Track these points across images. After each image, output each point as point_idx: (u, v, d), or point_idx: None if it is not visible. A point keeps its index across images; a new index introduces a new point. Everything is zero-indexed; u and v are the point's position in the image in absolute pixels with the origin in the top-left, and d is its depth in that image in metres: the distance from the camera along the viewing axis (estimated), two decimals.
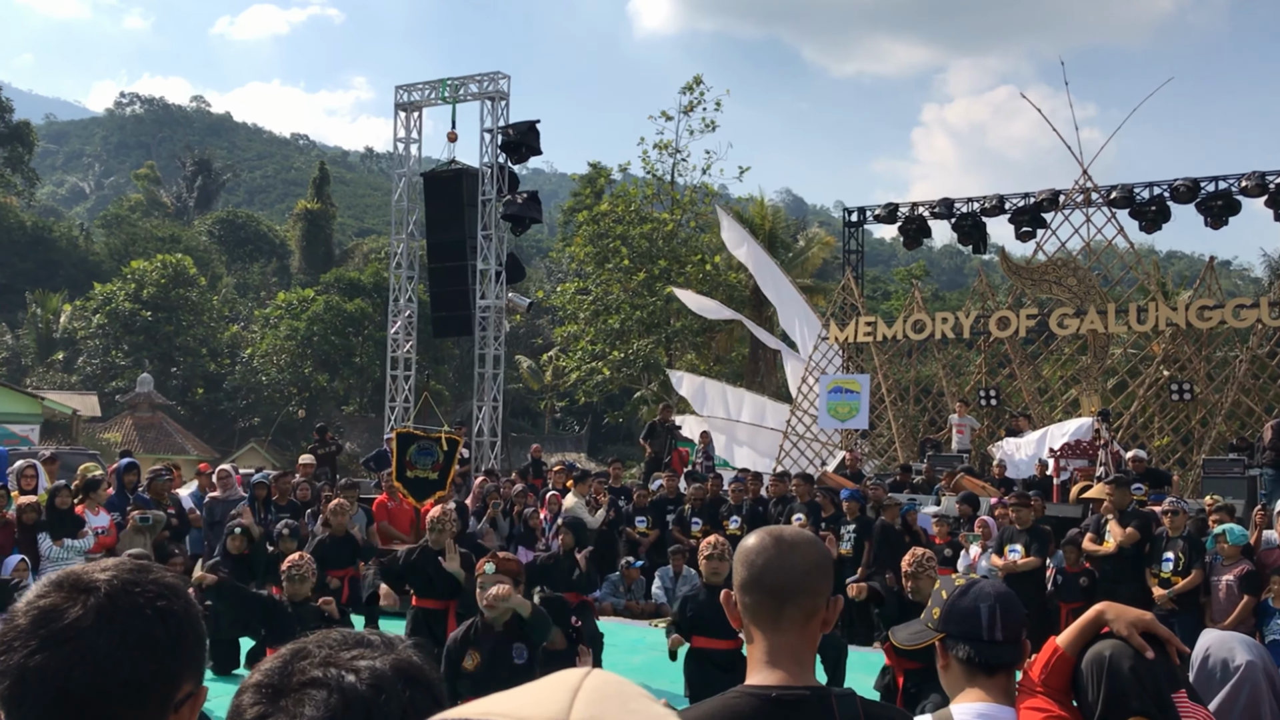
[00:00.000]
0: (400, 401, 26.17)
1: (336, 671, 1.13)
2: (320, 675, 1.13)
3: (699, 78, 37.91)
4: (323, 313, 47.37)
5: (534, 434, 46.86)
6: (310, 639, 1.19)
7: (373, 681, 1.13)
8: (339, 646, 1.17)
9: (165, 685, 1.34)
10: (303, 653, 1.17)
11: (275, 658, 1.18)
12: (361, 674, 1.13)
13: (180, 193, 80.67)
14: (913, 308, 22.80)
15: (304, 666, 1.14)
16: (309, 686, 1.12)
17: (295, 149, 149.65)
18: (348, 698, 1.11)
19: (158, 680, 1.33)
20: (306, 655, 1.16)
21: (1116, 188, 22.48)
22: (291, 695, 1.12)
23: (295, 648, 1.18)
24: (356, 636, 1.19)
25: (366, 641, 1.19)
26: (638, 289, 34.54)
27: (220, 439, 46.88)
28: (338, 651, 1.16)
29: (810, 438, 22.54)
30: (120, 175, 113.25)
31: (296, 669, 1.15)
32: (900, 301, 41.56)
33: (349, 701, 1.11)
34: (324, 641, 1.18)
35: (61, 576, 1.38)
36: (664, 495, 15.57)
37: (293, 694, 1.12)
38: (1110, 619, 2.58)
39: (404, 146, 26.80)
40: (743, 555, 2.33)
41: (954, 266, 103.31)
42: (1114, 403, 21.20)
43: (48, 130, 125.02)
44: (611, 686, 0.97)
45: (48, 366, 48.41)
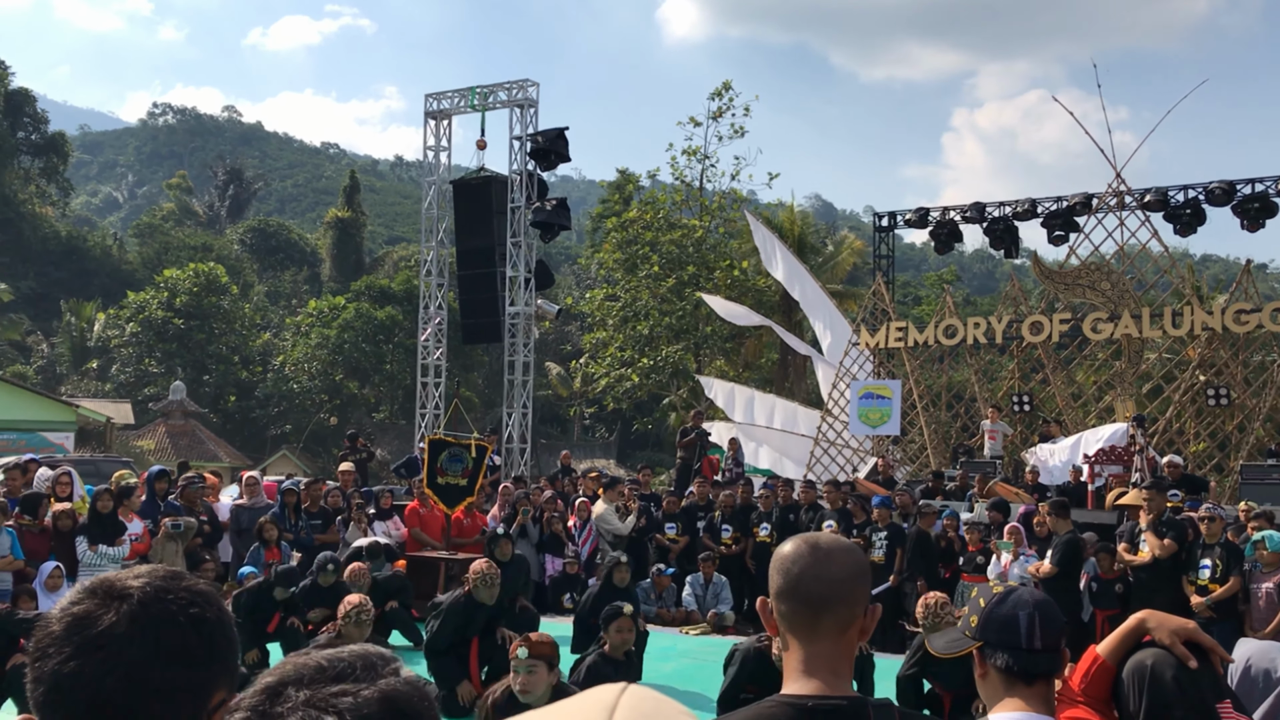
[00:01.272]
0: (430, 408, 26.27)
1: (316, 715, 1.07)
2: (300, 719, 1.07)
3: (728, 83, 37.93)
4: (353, 320, 47.65)
5: (563, 440, 46.92)
6: (288, 671, 1.12)
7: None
8: (319, 680, 1.10)
9: (198, 693, 1.34)
10: (283, 694, 1.10)
11: (253, 695, 1.12)
12: (344, 715, 1.07)
13: (212, 202, 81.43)
14: (944, 313, 22.66)
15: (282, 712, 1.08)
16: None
17: (326, 158, 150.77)
18: None
19: (190, 688, 1.33)
20: (285, 698, 1.09)
21: (1150, 191, 22.26)
22: None
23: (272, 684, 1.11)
24: (338, 667, 1.12)
25: (348, 671, 1.12)
26: (667, 295, 34.53)
27: (252, 446, 47.21)
28: (318, 689, 1.09)
29: (841, 444, 22.44)
30: (153, 185, 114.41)
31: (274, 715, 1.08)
32: (931, 306, 41.39)
33: None
34: (302, 675, 1.11)
35: (95, 583, 1.37)
36: (694, 502, 15.54)
37: None
38: (1151, 627, 2.54)
39: (434, 154, 26.93)
40: (779, 563, 2.30)
41: (985, 271, 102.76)
42: (1149, 408, 20.96)
43: (82, 141, 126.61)
44: (648, 703, 0.95)
45: (82, 375, 48.92)
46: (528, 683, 5.62)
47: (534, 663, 5.65)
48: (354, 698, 1.08)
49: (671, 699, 0.97)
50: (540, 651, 5.73)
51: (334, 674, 1.12)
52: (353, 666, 1.13)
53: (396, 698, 1.10)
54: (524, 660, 5.66)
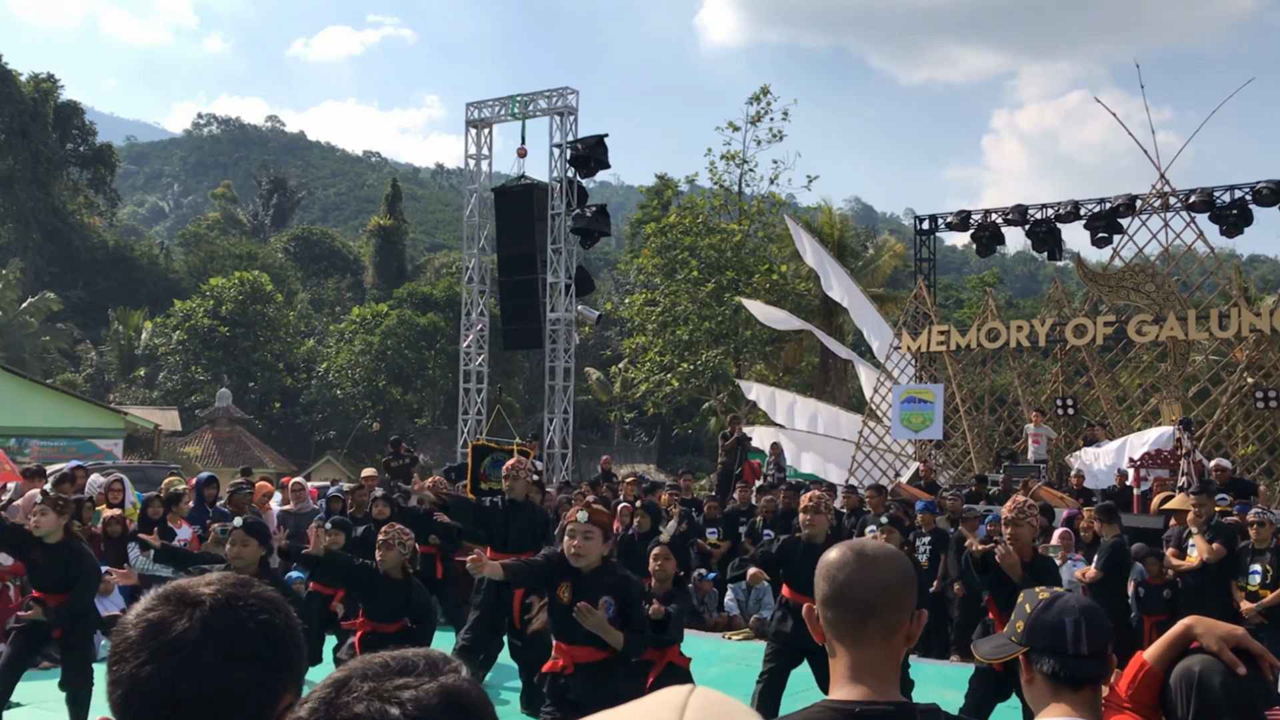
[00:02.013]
0: (473, 414, 26.42)
1: (380, 705, 1.11)
2: (363, 710, 1.11)
3: (766, 88, 37.84)
4: (396, 327, 48.00)
5: (603, 445, 46.99)
6: (355, 667, 1.18)
7: (417, 713, 1.11)
8: (383, 675, 1.16)
9: (267, 696, 1.39)
10: (348, 686, 1.15)
11: (322, 688, 1.17)
12: (406, 705, 1.11)
13: (256, 211, 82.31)
14: (986, 316, 22.51)
15: (348, 701, 1.13)
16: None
17: (368, 166, 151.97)
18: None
19: (260, 691, 1.38)
20: (351, 689, 1.14)
21: (1195, 191, 21.99)
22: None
23: (340, 678, 1.17)
24: (401, 662, 1.18)
25: (411, 666, 1.17)
26: (706, 299, 34.49)
27: (297, 452, 47.65)
28: (382, 682, 1.14)
29: (883, 449, 22.34)
30: (198, 194, 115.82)
31: (340, 704, 1.13)
32: (973, 310, 41.05)
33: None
34: (368, 671, 1.17)
35: (169, 590, 1.43)
36: (736, 507, 15.53)
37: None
38: (1199, 634, 2.54)
39: (475, 162, 27.12)
40: (824, 570, 2.32)
41: (1028, 274, 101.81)
42: (1196, 411, 20.69)
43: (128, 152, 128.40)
44: (716, 704, 0.97)
45: (130, 382, 49.60)
46: (582, 547, 5.66)
47: (590, 528, 5.69)
48: (415, 690, 1.13)
49: (739, 701, 1.00)
50: (599, 518, 5.80)
51: (397, 669, 1.16)
52: (415, 663, 1.18)
53: (457, 692, 1.15)
54: (581, 525, 5.71)
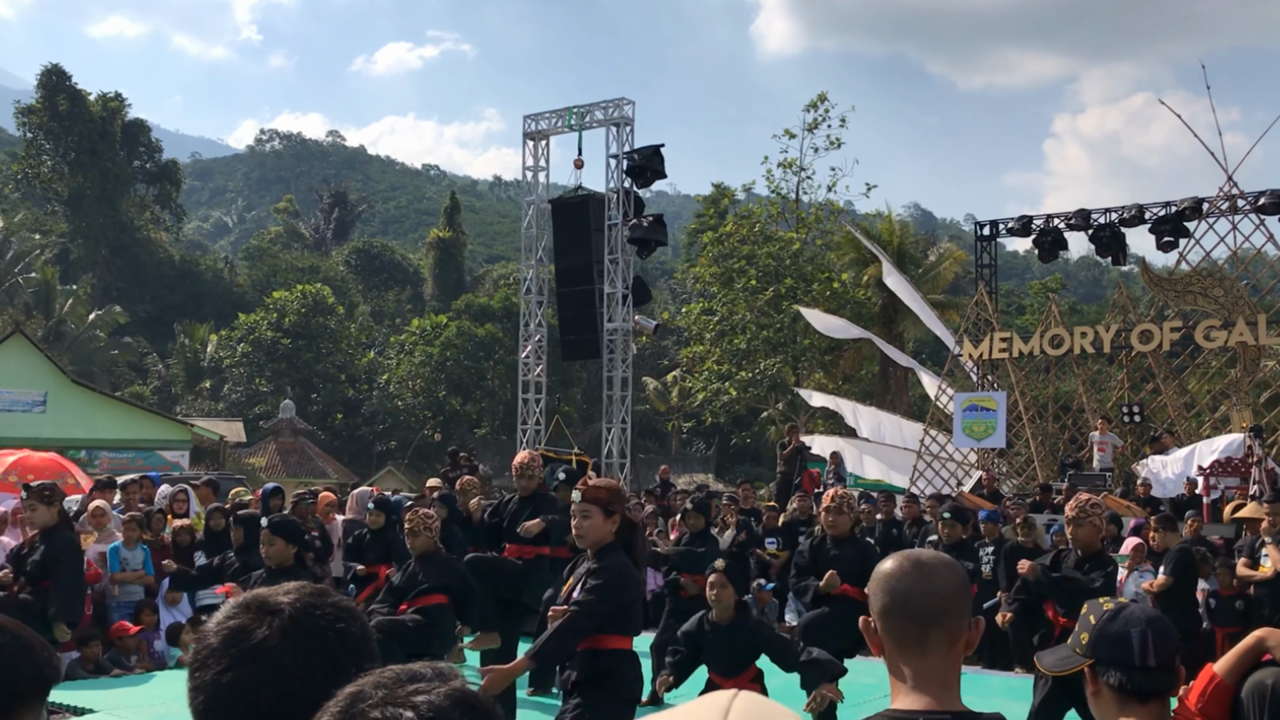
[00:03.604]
0: (531, 424, 26.56)
1: (394, 710, 1.16)
2: (379, 715, 1.16)
3: (823, 95, 37.77)
4: (455, 338, 48.40)
5: (661, 455, 46.97)
6: (367, 679, 1.23)
7: (430, 715, 1.15)
8: (395, 684, 1.20)
9: None
10: (362, 695, 1.20)
11: (337, 701, 1.22)
12: (419, 708, 1.15)
13: (318, 224, 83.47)
14: (1050, 322, 22.21)
15: (364, 709, 1.18)
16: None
17: (427, 179, 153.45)
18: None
19: None
20: (365, 697, 1.19)
21: (1265, 193, 21.54)
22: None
23: (355, 690, 1.21)
24: (410, 672, 1.22)
25: (420, 676, 1.22)
26: (763, 308, 34.42)
27: (359, 463, 48.17)
28: (394, 690, 1.19)
29: (945, 457, 22.12)
30: (261, 209, 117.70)
31: (357, 711, 1.18)
32: (1036, 316, 40.52)
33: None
34: (380, 681, 1.21)
35: (249, 599, 1.48)
36: (796, 516, 15.45)
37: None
38: (1271, 646, 2.50)
39: (532, 174, 27.29)
40: (881, 580, 2.31)
41: (1091, 279, 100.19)
42: (1267, 418, 20.25)
43: (193, 168, 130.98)
44: (760, 708, 0.98)
45: (196, 394, 50.48)
46: (581, 527, 5.39)
47: (588, 507, 5.37)
48: (428, 695, 1.18)
49: (784, 706, 1.00)
50: (595, 496, 5.41)
51: (407, 678, 1.21)
52: (424, 673, 1.23)
53: (467, 697, 1.20)
54: (579, 504, 5.42)
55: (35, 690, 1.58)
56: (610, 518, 5.42)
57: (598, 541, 5.39)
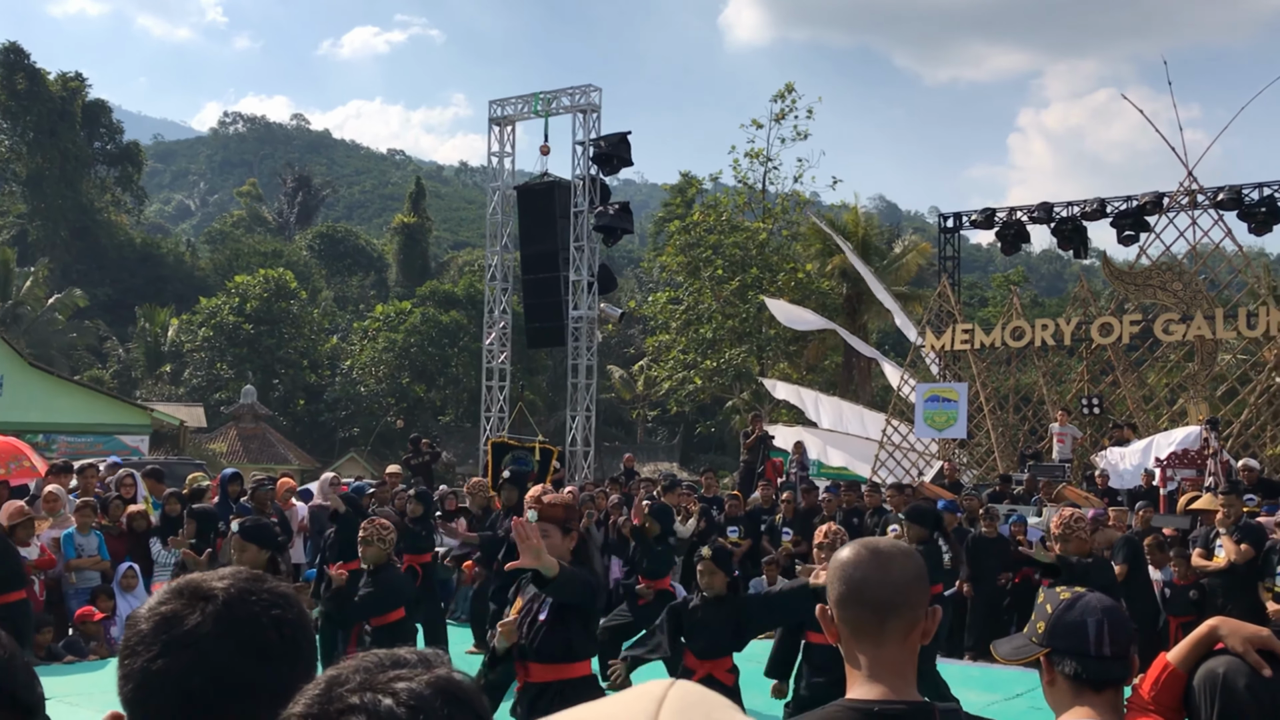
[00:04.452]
0: (495, 411, 26.48)
1: (373, 696, 1.12)
2: (357, 701, 1.12)
3: (791, 85, 37.79)
4: (419, 325, 48.19)
5: (626, 444, 47.01)
6: (347, 664, 1.19)
7: (410, 703, 1.11)
8: (376, 669, 1.16)
9: (279, 692, 1.39)
10: (340, 679, 1.16)
11: (314, 685, 1.18)
12: (399, 695, 1.12)
13: (281, 208, 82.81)
14: (1011, 314, 22.38)
15: (342, 693, 1.14)
16: (347, 714, 1.11)
17: (392, 164, 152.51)
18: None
19: (272, 687, 1.38)
20: (344, 682, 1.15)
21: (1224, 189, 21.80)
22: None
23: (333, 674, 1.18)
24: (393, 657, 1.18)
25: (403, 661, 1.18)
26: (729, 298, 34.48)
27: (321, 449, 47.89)
28: (374, 675, 1.15)
29: (907, 447, 22.25)
30: (224, 193, 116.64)
31: (335, 696, 1.14)
32: (998, 308, 40.86)
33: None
34: (361, 666, 1.17)
35: (181, 584, 1.44)
36: (758, 505, 15.50)
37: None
38: (1224, 634, 2.51)
39: (498, 160, 27.16)
40: (838, 569, 2.30)
41: (1053, 272, 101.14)
42: (1223, 411, 20.51)
43: (155, 150, 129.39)
44: (695, 696, 0.97)
45: (156, 379, 49.98)
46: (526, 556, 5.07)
47: (546, 527, 5.14)
48: (409, 683, 1.13)
49: (720, 695, 0.98)
50: (551, 514, 5.23)
51: (390, 663, 1.17)
52: (408, 659, 1.19)
53: (450, 685, 1.15)
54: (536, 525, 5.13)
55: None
56: (568, 535, 5.31)
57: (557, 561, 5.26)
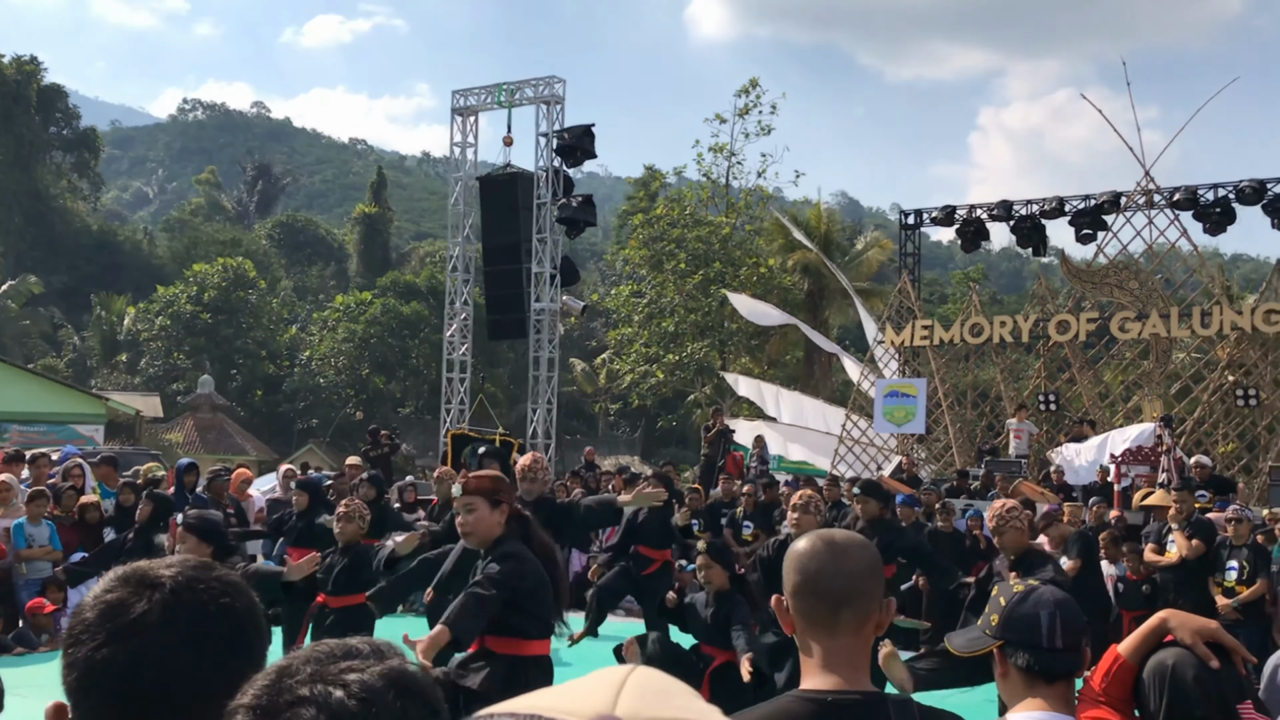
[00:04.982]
0: (456, 404, 26.37)
1: (323, 688, 1.10)
2: (307, 693, 1.10)
3: (755, 80, 37.87)
4: (380, 316, 47.91)
5: (588, 437, 47.00)
6: (298, 654, 1.17)
7: (362, 695, 1.09)
8: (327, 660, 1.14)
9: (227, 681, 1.37)
10: (290, 670, 1.13)
11: (263, 676, 1.16)
12: (350, 687, 1.10)
13: (241, 197, 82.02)
14: (970, 311, 22.58)
15: (291, 684, 1.11)
16: (296, 706, 1.09)
17: (353, 154, 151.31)
18: (335, 713, 1.08)
19: (220, 675, 1.36)
20: (294, 673, 1.13)
21: (1180, 189, 22.08)
22: (280, 716, 1.09)
23: (283, 664, 1.15)
24: (345, 648, 1.16)
25: (355, 652, 1.15)
26: (692, 291, 34.54)
27: (279, 440, 47.54)
28: (325, 666, 1.13)
29: (866, 442, 22.40)
30: (183, 180, 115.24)
31: (284, 688, 1.11)
32: (958, 305, 41.18)
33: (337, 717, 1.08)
34: (311, 656, 1.15)
35: (128, 572, 1.41)
36: (719, 499, 15.55)
37: (281, 714, 1.09)
38: (1173, 627, 2.54)
39: (460, 151, 27.02)
40: (795, 560, 2.31)
41: (1012, 270, 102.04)
42: (1177, 408, 20.80)
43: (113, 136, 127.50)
44: (656, 681, 0.97)
45: (112, 368, 49.39)
46: (466, 522, 5.09)
47: (471, 500, 5.07)
48: (361, 674, 1.11)
49: (680, 681, 0.99)
50: (476, 487, 5.09)
51: (342, 654, 1.15)
52: (360, 649, 1.16)
53: (403, 677, 1.13)
54: (460, 499, 5.12)
55: None
56: (497, 508, 5.14)
57: (486, 536, 5.12)
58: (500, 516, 5.11)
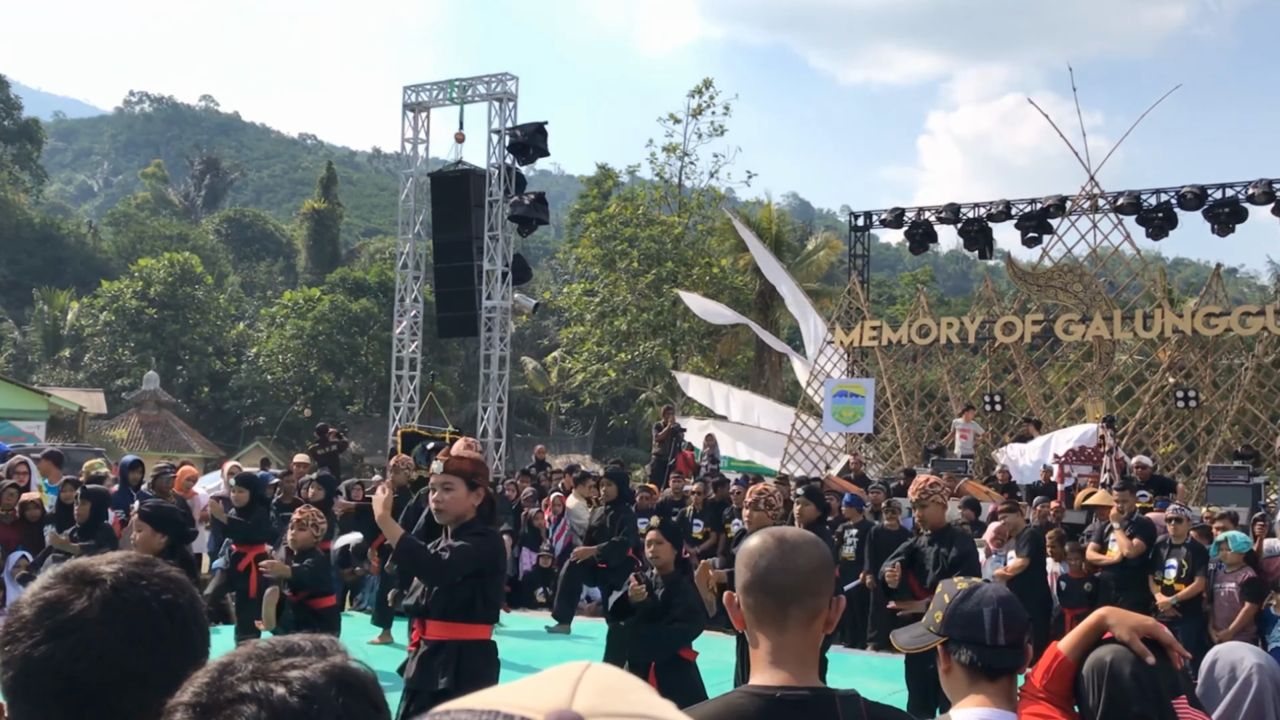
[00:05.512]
0: (405, 401, 26.20)
1: (265, 685, 1.08)
2: (248, 690, 1.08)
3: (708, 81, 37.94)
4: (328, 312, 47.47)
5: (539, 435, 46.87)
6: (239, 651, 1.15)
7: (304, 692, 1.08)
8: (268, 657, 1.13)
9: (168, 678, 1.35)
10: (231, 667, 1.12)
11: (204, 673, 1.14)
12: (292, 684, 1.09)
13: (188, 191, 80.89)
14: (918, 312, 22.79)
15: (232, 682, 1.10)
16: (237, 703, 1.08)
17: (303, 149, 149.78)
18: (277, 711, 1.07)
19: (161, 672, 1.35)
20: (234, 670, 1.11)
21: (1123, 194, 22.42)
22: (220, 713, 1.08)
23: (224, 661, 1.14)
24: (287, 645, 1.15)
25: (297, 649, 1.14)
26: (645, 291, 34.56)
27: (226, 437, 46.96)
28: (267, 663, 1.12)
29: (815, 441, 22.53)
30: (128, 173, 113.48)
31: (225, 685, 1.10)
32: (906, 306, 41.53)
33: (278, 715, 1.07)
34: (253, 653, 1.14)
35: (68, 568, 1.39)
36: (669, 497, 15.58)
37: (221, 711, 1.08)
38: (1112, 624, 2.58)
39: (411, 147, 26.84)
40: (745, 557, 2.33)
41: (959, 272, 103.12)
42: (1119, 409, 21.15)
43: (56, 128, 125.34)
44: (611, 678, 0.97)
45: (54, 363, 48.55)
46: (442, 499, 5.14)
47: (449, 479, 5.11)
48: (303, 671, 1.10)
49: (636, 678, 0.99)
50: (457, 467, 5.16)
51: (284, 651, 1.14)
52: (302, 646, 1.15)
53: (345, 673, 1.13)
54: (439, 476, 5.16)
55: None
56: (474, 491, 5.20)
57: (459, 515, 5.18)
58: (475, 500, 5.20)
